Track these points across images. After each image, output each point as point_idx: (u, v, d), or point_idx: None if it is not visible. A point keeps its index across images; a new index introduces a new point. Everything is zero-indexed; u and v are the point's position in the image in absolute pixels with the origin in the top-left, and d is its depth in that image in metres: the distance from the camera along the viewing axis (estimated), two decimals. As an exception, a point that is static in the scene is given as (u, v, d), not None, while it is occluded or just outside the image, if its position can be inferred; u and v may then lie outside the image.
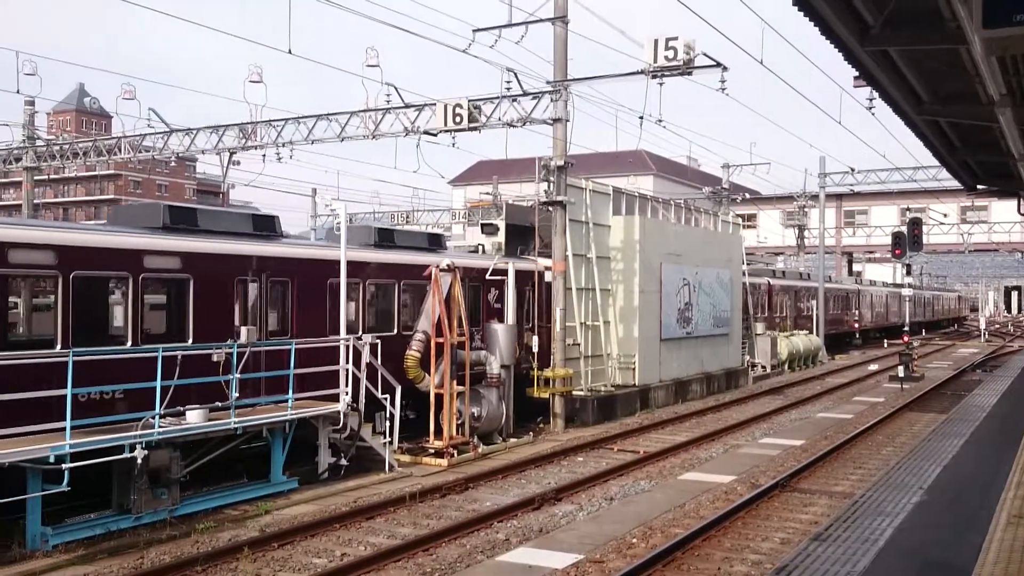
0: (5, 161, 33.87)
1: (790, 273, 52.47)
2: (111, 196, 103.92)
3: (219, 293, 15.51)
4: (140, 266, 14.19)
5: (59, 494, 11.40)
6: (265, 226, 17.35)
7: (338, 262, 16.86)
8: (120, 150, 31.39)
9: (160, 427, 12.53)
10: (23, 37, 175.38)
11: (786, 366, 40.25)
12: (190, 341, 14.67)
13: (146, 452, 12.21)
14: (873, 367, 42.32)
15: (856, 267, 77.10)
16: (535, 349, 22.63)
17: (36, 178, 36.42)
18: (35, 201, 42.45)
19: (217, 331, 15.09)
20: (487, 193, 36.79)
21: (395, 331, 19.29)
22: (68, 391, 11.46)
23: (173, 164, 44.59)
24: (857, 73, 13.74)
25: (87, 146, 32.84)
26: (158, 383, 12.61)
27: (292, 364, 14.89)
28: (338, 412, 15.66)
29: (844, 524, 11.27)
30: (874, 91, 15.65)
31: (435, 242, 22.30)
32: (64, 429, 11.45)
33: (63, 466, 11.21)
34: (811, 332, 47.13)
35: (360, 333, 17.62)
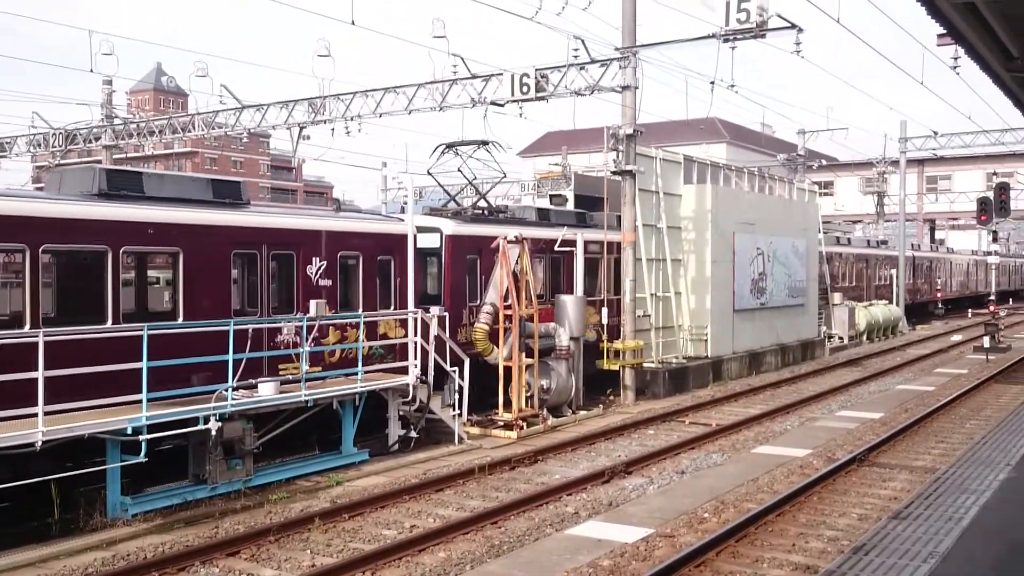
0: (86, 140, 34.69)
1: (863, 241, 50.99)
2: (188, 174, 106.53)
3: None
4: None
5: (137, 466, 11.67)
6: None
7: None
8: (194, 127, 31.88)
9: (233, 399, 12.72)
10: (96, 18, 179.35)
11: (864, 337, 39.24)
12: None
13: (220, 424, 12.42)
14: (956, 337, 40.95)
15: (939, 234, 74.67)
16: (604, 321, 22.38)
17: (115, 156, 37.28)
18: (115, 179, 43.52)
19: None
20: (556, 164, 36.51)
21: (109, 321, 12.84)
22: (144, 364, 11.66)
23: (246, 140, 45.20)
24: (943, 30, 13.11)
25: (163, 124, 33.42)
26: (230, 356, 12.75)
27: (361, 337, 14.93)
28: (407, 385, 15.73)
29: (926, 501, 10.84)
30: (960, 48, 14.94)
31: (227, 192, 15.13)
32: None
33: (140, 437, 11.46)
34: (890, 302, 45.85)
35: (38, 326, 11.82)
